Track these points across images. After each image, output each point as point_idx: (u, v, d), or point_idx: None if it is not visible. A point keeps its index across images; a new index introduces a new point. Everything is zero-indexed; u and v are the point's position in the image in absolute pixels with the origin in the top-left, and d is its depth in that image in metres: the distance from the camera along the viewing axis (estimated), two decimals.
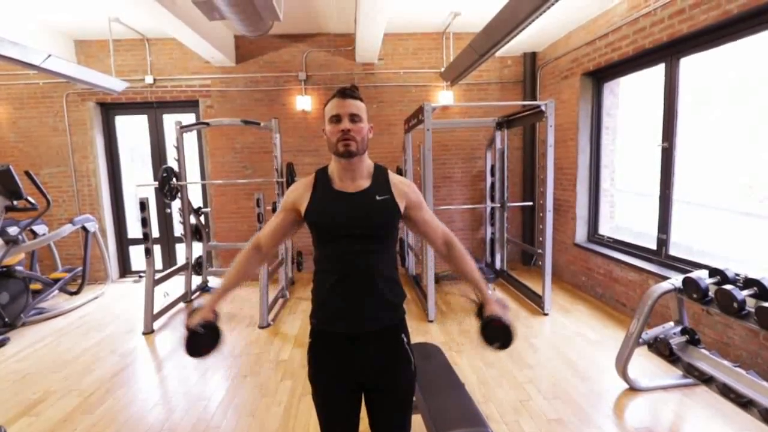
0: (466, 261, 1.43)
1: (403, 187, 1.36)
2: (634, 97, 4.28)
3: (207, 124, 4.43)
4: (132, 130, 5.64)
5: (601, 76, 4.36)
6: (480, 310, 1.39)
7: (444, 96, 5.39)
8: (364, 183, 1.32)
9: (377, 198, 1.30)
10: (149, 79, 5.23)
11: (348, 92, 1.27)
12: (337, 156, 1.29)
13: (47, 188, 4.90)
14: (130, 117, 5.59)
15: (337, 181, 1.33)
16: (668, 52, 3.38)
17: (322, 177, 1.35)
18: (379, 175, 1.36)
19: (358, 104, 1.27)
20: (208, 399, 2.67)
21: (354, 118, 1.26)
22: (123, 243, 5.79)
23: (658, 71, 3.52)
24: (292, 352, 3.30)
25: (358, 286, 1.28)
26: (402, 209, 1.34)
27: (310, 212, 1.31)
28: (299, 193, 1.35)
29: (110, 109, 5.50)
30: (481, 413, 1.71)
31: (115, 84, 4.55)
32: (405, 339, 1.36)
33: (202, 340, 1.31)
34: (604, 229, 4.55)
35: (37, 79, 5.12)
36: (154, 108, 5.48)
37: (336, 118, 1.26)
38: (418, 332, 3.52)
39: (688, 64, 3.30)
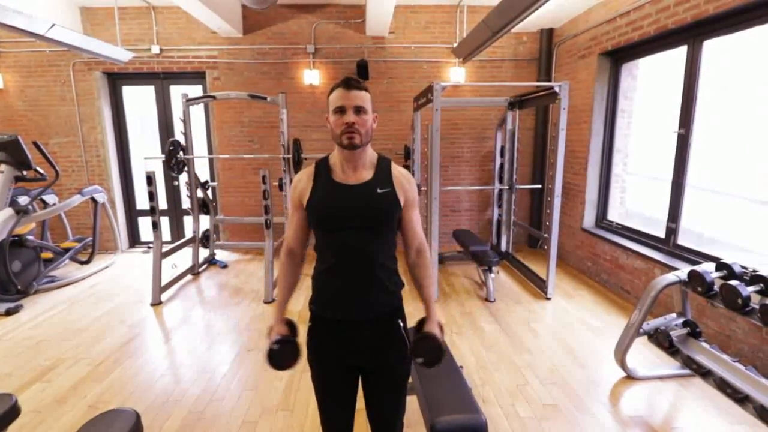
0: (428, 275, 1.43)
1: (404, 182, 1.36)
2: (653, 79, 4.12)
3: (213, 97, 4.37)
4: (139, 101, 5.60)
5: (619, 56, 4.19)
6: (420, 325, 1.42)
7: (455, 73, 5.25)
8: (367, 174, 1.32)
9: (378, 191, 1.30)
10: (155, 49, 5.15)
11: (353, 83, 1.25)
12: (341, 147, 1.29)
13: (56, 158, 4.95)
14: (137, 88, 5.55)
15: (339, 171, 1.33)
16: (692, 34, 3.23)
17: (322, 168, 1.35)
18: (382, 166, 1.36)
19: (363, 95, 1.26)
20: (212, 371, 2.75)
21: (358, 110, 1.25)
22: (132, 214, 5.86)
23: (680, 53, 3.37)
24: None
25: (357, 275, 1.30)
26: (402, 203, 1.34)
27: (311, 205, 1.32)
28: (302, 185, 1.35)
29: (117, 79, 5.45)
30: (476, 400, 1.74)
31: (120, 54, 4.49)
32: (401, 324, 1.40)
33: (282, 354, 1.36)
34: (613, 215, 4.49)
35: (44, 47, 5.06)
36: (160, 79, 5.42)
37: (340, 110, 1.25)
38: (420, 312, 3.55)
39: (711, 47, 3.15)
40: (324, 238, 1.33)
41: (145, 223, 5.92)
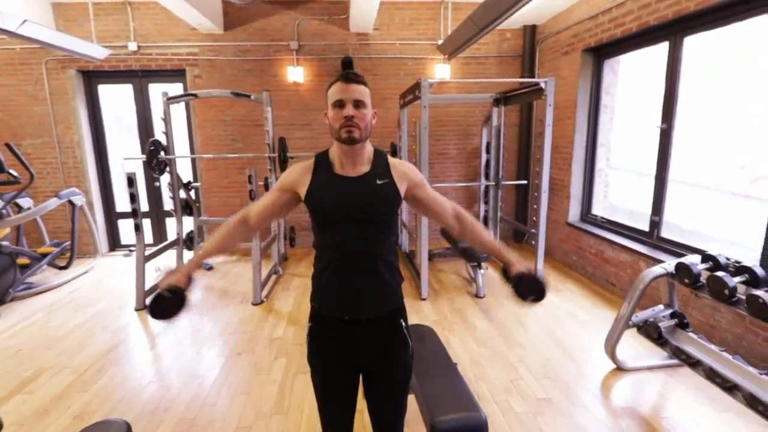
0: (480, 231, 1.44)
1: (403, 169, 1.35)
2: (634, 75, 4.19)
3: (195, 95, 4.26)
4: (117, 100, 5.43)
5: (602, 52, 4.25)
6: (506, 273, 1.41)
7: (441, 70, 5.24)
8: (365, 168, 1.31)
9: (377, 182, 1.29)
10: (133, 46, 5.00)
11: (352, 77, 1.23)
12: (339, 142, 1.27)
13: (30, 160, 4.76)
14: (114, 86, 5.37)
15: (338, 166, 1.31)
16: (673, 30, 3.29)
17: (322, 161, 1.33)
18: (379, 159, 1.35)
19: (362, 89, 1.24)
20: (202, 377, 2.69)
21: (358, 104, 1.23)
22: (111, 216, 5.69)
23: (661, 50, 3.44)
24: (285, 330, 3.31)
25: (358, 270, 1.29)
26: (402, 192, 1.34)
27: (311, 197, 1.30)
28: (297, 175, 1.33)
29: (93, 77, 5.27)
30: (474, 397, 1.74)
31: (96, 51, 4.33)
32: (403, 323, 1.38)
33: (166, 304, 1.33)
34: (598, 209, 4.57)
35: (14, 44, 4.85)
36: (139, 77, 5.26)
37: (339, 104, 1.23)
38: (411, 310, 3.49)
39: (691, 42, 3.22)
40: (323, 233, 1.31)
41: (125, 226, 5.75)
